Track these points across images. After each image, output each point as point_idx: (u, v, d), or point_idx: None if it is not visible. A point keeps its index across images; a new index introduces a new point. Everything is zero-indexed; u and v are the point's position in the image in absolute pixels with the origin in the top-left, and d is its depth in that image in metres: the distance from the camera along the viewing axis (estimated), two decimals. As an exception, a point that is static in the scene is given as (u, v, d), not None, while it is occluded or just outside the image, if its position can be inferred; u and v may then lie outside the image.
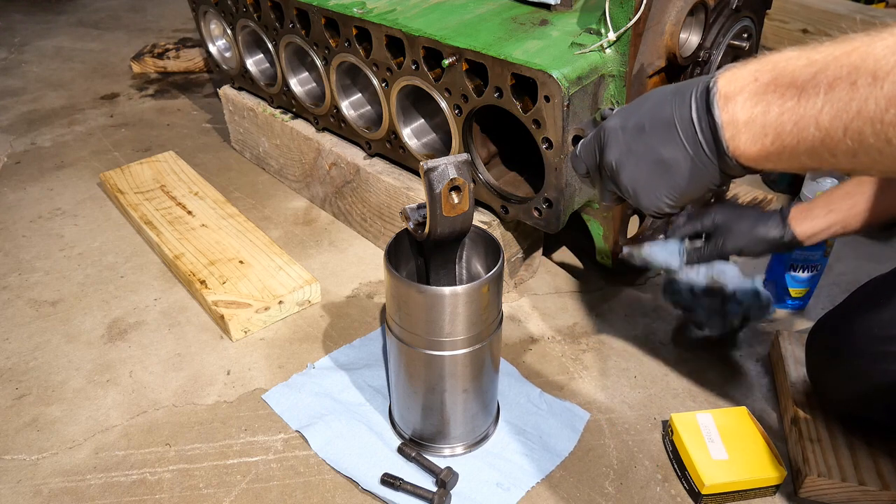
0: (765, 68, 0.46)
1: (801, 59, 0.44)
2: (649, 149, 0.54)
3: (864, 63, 0.40)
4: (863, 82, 0.39)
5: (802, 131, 0.43)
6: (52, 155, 1.61)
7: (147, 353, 1.04)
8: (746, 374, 0.98)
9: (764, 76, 0.46)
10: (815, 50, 0.44)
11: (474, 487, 0.81)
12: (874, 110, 0.39)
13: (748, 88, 0.47)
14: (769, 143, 0.46)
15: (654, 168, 0.54)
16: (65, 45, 2.31)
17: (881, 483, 0.77)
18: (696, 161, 0.51)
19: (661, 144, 0.53)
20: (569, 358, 1.01)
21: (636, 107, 0.56)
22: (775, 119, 0.45)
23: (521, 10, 1.02)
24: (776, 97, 0.45)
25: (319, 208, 1.38)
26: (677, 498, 0.81)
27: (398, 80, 1.04)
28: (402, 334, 0.78)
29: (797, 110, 0.43)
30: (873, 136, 0.39)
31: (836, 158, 0.42)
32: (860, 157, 0.41)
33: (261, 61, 1.42)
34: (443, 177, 0.69)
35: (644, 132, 0.54)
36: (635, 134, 0.55)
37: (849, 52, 0.41)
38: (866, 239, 1.26)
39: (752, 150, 0.47)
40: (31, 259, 1.25)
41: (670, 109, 0.52)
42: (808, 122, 0.43)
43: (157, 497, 0.82)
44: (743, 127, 0.47)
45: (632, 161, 0.56)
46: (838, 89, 0.41)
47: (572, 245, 1.25)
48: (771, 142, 0.45)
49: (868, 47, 0.40)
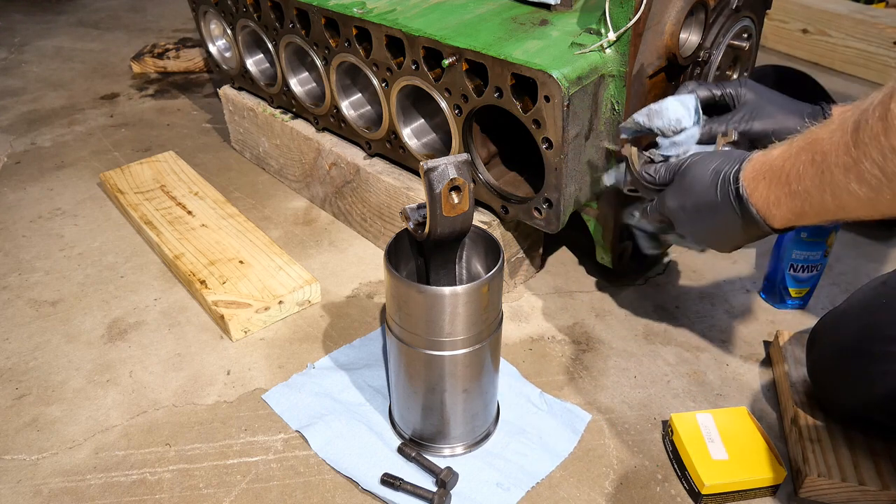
0: (763, 168, 0.68)
1: (782, 155, 0.65)
2: (712, 226, 0.76)
3: (815, 147, 0.61)
4: (818, 159, 0.60)
5: (804, 202, 0.63)
6: (52, 155, 1.61)
7: (147, 353, 1.04)
8: (746, 374, 0.98)
9: (766, 172, 0.67)
10: (788, 147, 0.65)
11: (474, 487, 0.81)
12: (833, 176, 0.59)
13: (761, 183, 0.68)
14: (789, 214, 0.66)
15: (721, 236, 0.76)
16: (65, 45, 2.31)
17: (881, 483, 0.77)
18: (745, 229, 0.72)
19: (719, 224, 0.74)
20: (569, 358, 1.01)
21: (687, 190, 0.76)
22: (784, 198, 0.66)
23: (521, 10, 1.02)
24: (777, 184, 0.66)
25: (319, 208, 1.38)
26: (677, 498, 0.81)
27: (398, 80, 1.04)
28: (402, 334, 0.78)
29: (791, 188, 0.64)
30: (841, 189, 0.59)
31: (843, 209, 0.61)
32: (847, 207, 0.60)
33: (261, 61, 1.42)
34: (443, 177, 0.69)
35: (702, 214, 0.75)
36: (694, 215, 0.76)
37: (805, 146, 0.62)
38: (866, 239, 1.26)
39: (781, 219, 0.68)
40: (31, 259, 1.25)
41: (714, 200, 0.73)
42: (803, 195, 0.63)
43: (157, 497, 0.82)
44: (769, 208, 0.68)
45: (702, 232, 0.78)
46: (808, 169, 0.62)
47: (572, 245, 1.25)
48: (790, 211, 0.66)
49: (816, 135, 0.61)
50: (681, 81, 0.98)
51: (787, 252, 1.04)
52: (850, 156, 0.56)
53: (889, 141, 0.52)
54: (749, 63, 1.10)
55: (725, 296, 1.13)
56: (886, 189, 0.55)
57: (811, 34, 1.99)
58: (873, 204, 0.57)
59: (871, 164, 0.54)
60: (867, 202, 0.57)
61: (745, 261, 1.21)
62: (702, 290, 1.14)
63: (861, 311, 0.79)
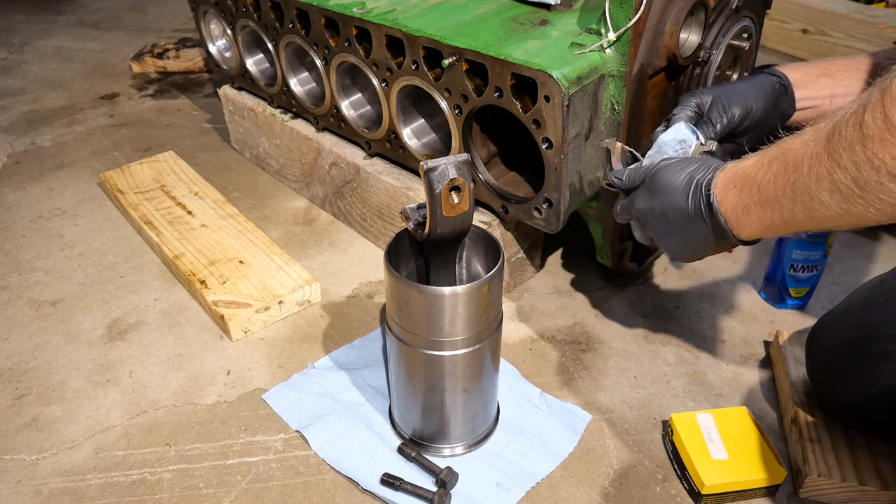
0: (735, 176, 0.68)
1: (754, 164, 0.66)
2: (678, 233, 0.75)
3: (788, 157, 0.61)
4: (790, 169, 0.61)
5: (774, 212, 0.63)
6: (52, 155, 1.61)
7: (147, 353, 1.04)
8: (746, 374, 0.98)
9: (738, 181, 0.67)
10: (760, 157, 0.65)
11: (474, 487, 0.81)
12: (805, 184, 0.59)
13: (731, 191, 0.68)
14: (758, 224, 0.66)
15: (686, 244, 0.76)
16: (65, 45, 2.31)
17: (881, 483, 0.77)
18: (711, 238, 0.72)
19: (686, 231, 0.74)
20: (569, 358, 1.01)
21: (658, 194, 0.75)
22: (752, 206, 0.65)
23: (521, 10, 1.02)
24: (748, 192, 0.66)
25: (319, 208, 1.38)
26: (677, 498, 0.81)
27: (398, 80, 1.04)
28: (402, 334, 0.78)
29: (762, 196, 0.64)
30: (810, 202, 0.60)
31: (813, 220, 0.61)
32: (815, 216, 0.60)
33: (261, 61, 1.42)
34: (443, 177, 0.69)
35: (669, 220, 0.75)
36: (662, 220, 0.75)
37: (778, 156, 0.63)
38: (866, 239, 1.26)
39: (749, 229, 0.68)
40: (31, 259, 1.25)
41: (684, 206, 0.72)
42: (774, 204, 0.63)
43: (157, 497, 0.82)
44: (737, 216, 0.68)
45: (667, 238, 0.77)
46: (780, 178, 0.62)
47: (572, 245, 1.25)
48: (758, 221, 0.66)
49: (789, 145, 0.62)
50: (681, 81, 0.98)
51: (787, 252, 1.04)
52: (824, 165, 0.56)
53: (865, 151, 0.52)
54: (749, 63, 1.10)
55: (725, 296, 1.13)
56: (859, 200, 0.55)
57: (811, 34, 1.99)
58: (844, 216, 0.57)
59: (843, 174, 0.55)
60: (838, 213, 0.57)
61: (745, 261, 1.21)
62: (702, 290, 1.14)
63: (859, 310, 0.79)
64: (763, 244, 1.23)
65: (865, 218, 0.56)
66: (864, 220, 0.56)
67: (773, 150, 0.64)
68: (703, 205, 0.70)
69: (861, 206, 0.55)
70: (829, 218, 0.59)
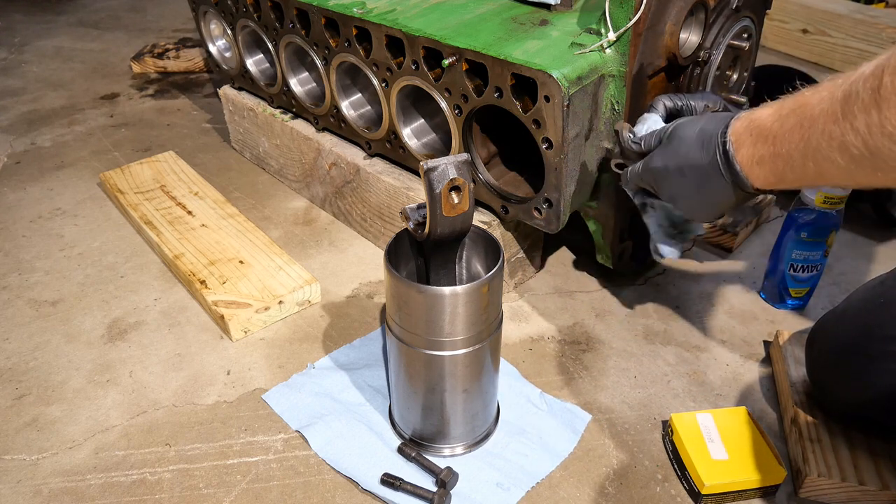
0: (750, 126, 0.68)
1: (770, 116, 0.65)
2: (694, 188, 0.75)
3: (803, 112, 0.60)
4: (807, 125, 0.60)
5: (786, 165, 0.63)
6: (52, 155, 1.61)
7: (147, 353, 1.04)
8: (746, 374, 0.98)
9: (753, 130, 0.67)
10: (778, 108, 0.65)
11: (474, 487, 0.81)
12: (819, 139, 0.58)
13: (747, 140, 0.68)
14: (771, 175, 0.67)
15: (702, 199, 0.76)
16: (65, 45, 2.31)
17: (881, 483, 0.77)
18: (728, 189, 0.72)
19: (701, 184, 0.74)
20: (569, 358, 1.01)
21: (672, 150, 0.76)
22: (768, 157, 0.66)
23: (521, 10, 1.02)
24: (762, 143, 0.66)
25: (319, 208, 1.38)
26: (677, 498, 0.81)
27: (398, 80, 1.04)
28: (402, 334, 0.78)
29: (776, 149, 0.64)
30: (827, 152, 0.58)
31: (822, 176, 0.61)
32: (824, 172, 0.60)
33: (261, 61, 1.42)
34: (443, 177, 0.69)
35: (685, 175, 0.75)
36: (678, 176, 0.76)
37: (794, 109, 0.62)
38: (866, 239, 1.26)
39: (762, 179, 0.68)
40: (31, 259, 1.25)
41: (700, 157, 0.73)
42: (786, 157, 0.63)
43: (157, 497, 0.82)
44: (752, 166, 0.68)
45: (683, 196, 0.77)
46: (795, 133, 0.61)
47: (572, 245, 1.25)
48: (771, 172, 0.66)
49: (806, 100, 0.61)
50: (681, 81, 0.98)
51: (787, 252, 1.04)
52: (838, 125, 0.56)
53: (879, 115, 0.51)
54: (749, 63, 1.10)
55: (725, 296, 1.13)
56: (867, 162, 0.54)
57: (811, 34, 1.99)
58: (851, 174, 0.57)
59: (855, 135, 0.54)
60: (846, 172, 0.57)
61: (746, 261, 1.21)
62: (702, 290, 1.14)
63: (859, 310, 0.79)
64: (763, 244, 1.23)
65: (874, 180, 0.56)
66: (872, 182, 0.56)
67: (789, 101, 0.63)
68: (720, 154, 0.70)
69: (869, 170, 0.55)
70: (837, 176, 0.59)
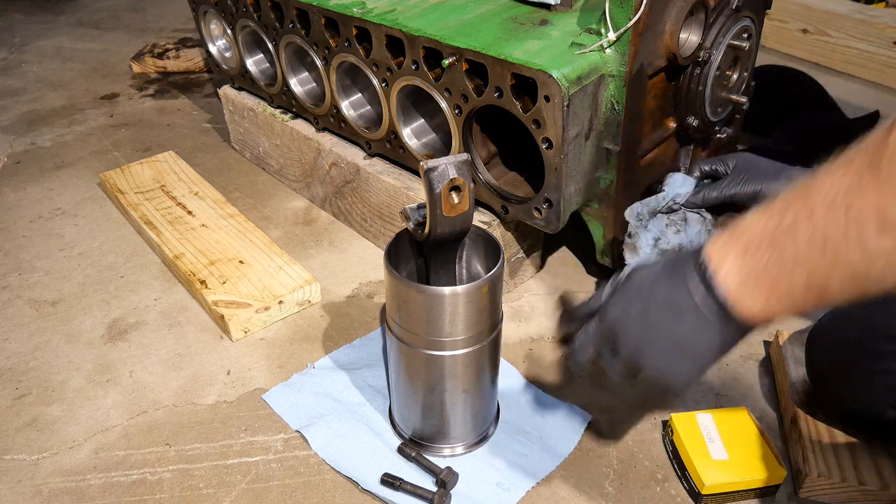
0: (735, 235, 0.51)
1: (761, 217, 0.49)
2: (666, 334, 0.56)
3: (810, 198, 0.46)
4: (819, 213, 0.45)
5: (788, 270, 0.47)
6: (52, 155, 1.61)
7: (147, 353, 1.04)
8: (746, 374, 0.98)
9: (740, 242, 0.50)
10: (768, 208, 0.49)
11: (474, 487, 0.81)
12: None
13: (731, 257, 0.51)
14: (768, 293, 0.49)
15: (676, 349, 0.56)
16: (65, 45, 2.31)
17: (881, 483, 0.77)
18: (713, 329, 0.53)
19: (674, 327, 0.55)
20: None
21: (631, 295, 0.59)
22: (762, 270, 0.48)
23: (521, 10, 1.02)
24: (754, 254, 0.49)
25: (319, 208, 1.38)
26: (677, 498, 0.81)
27: (398, 80, 1.04)
28: (402, 334, 0.78)
29: (776, 253, 0.48)
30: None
31: (835, 289, 0.46)
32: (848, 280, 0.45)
33: (261, 61, 1.41)
34: (443, 177, 0.69)
35: (651, 319, 0.56)
36: (642, 322, 0.57)
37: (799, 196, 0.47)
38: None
39: (757, 306, 0.50)
40: (31, 259, 1.25)
41: (670, 294, 0.55)
42: (788, 259, 0.47)
43: (157, 497, 0.82)
44: (739, 289, 0.50)
45: (652, 348, 0.58)
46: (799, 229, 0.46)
47: (572, 245, 1.25)
48: (769, 292, 0.49)
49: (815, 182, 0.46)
50: (681, 81, 0.98)
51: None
52: (869, 198, 0.42)
53: None
54: (749, 63, 1.10)
55: (725, 296, 1.13)
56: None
57: (811, 34, 1.99)
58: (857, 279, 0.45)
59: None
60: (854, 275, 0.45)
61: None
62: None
63: (859, 310, 0.79)
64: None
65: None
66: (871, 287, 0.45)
67: (783, 196, 0.49)
68: (692, 280, 0.53)
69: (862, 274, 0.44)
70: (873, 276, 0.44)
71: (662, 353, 0.58)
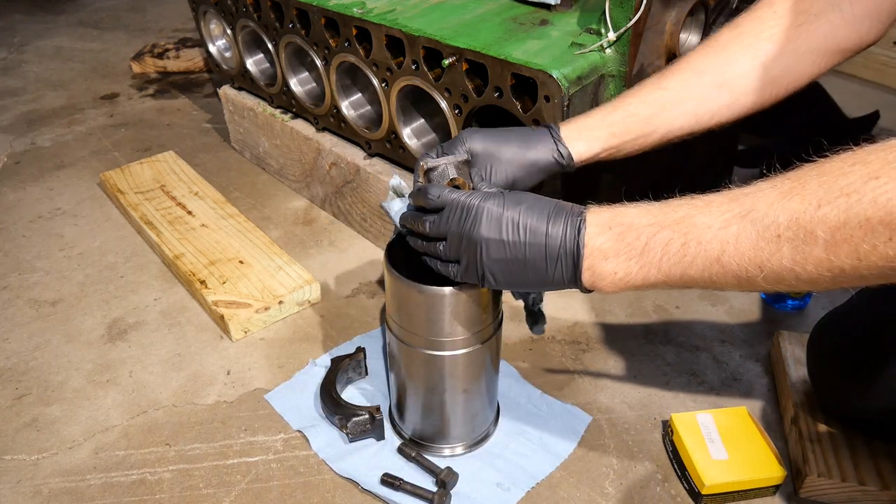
0: (617, 220, 0.57)
1: (644, 217, 0.56)
2: (520, 250, 0.60)
3: (691, 231, 0.52)
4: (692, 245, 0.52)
5: (647, 278, 0.55)
6: (52, 155, 1.61)
7: (147, 353, 1.04)
8: (746, 374, 0.98)
9: (616, 228, 0.56)
10: (652, 212, 0.55)
11: (474, 487, 0.81)
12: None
13: (606, 237, 0.57)
14: (622, 284, 0.57)
15: (519, 264, 0.60)
16: (65, 45, 2.31)
17: (881, 483, 0.77)
18: (555, 274, 0.59)
19: (530, 251, 0.59)
20: (569, 358, 1.01)
21: (515, 203, 0.61)
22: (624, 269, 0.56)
23: (521, 10, 1.02)
24: (626, 249, 0.56)
25: (319, 208, 1.38)
26: (677, 498, 0.81)
27: (398, 80, 1.04)
28: (402, 334, 0.78)
29: (641, 262, 0.55)
30: None
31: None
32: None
33: (261, 61, 1.42)
34: (443, 177, 0.69)
35: (519, 232, 0.60)
36: (512, 229, 0.60)
37: (679, 221, 0.53)
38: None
39: (606, 283, 0.58)
40: (31, 259, 1.25)
41: (545, 228, 0.59)
42: (649, 270, 0.55)
43: (157, 497, 0.82)
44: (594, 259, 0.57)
45: (500, 249, 0.60)
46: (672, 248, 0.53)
47: (572, 245, 1.25)
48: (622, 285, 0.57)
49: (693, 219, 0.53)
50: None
51: (787, 252, 1.04)
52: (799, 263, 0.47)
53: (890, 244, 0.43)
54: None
55: (725, 296, 1.13)
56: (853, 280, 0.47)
57: (811, 34, 1.98)
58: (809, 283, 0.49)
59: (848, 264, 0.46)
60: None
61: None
62: (702, 291, 1.14)
63: (860, 311, 0.79)
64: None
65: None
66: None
67: (662, 213, 0.55)
68: (567, 229, 0.58)
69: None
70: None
71: (506, 262, 0.61)
